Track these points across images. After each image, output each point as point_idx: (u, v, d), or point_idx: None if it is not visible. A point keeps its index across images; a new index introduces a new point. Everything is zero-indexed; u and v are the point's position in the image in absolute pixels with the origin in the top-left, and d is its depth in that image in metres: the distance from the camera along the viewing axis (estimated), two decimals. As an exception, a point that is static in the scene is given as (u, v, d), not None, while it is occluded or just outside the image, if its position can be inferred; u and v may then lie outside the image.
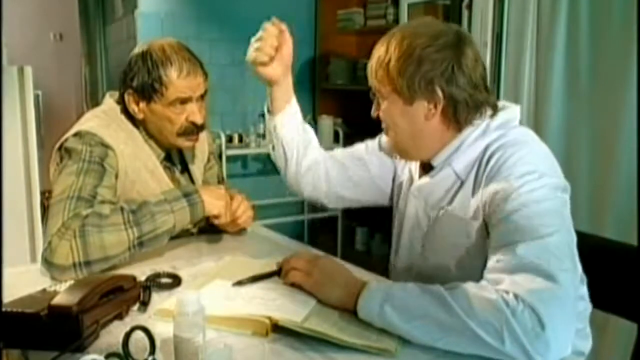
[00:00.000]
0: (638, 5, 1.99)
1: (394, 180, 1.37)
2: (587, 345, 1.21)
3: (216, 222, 1.42)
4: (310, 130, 1.42)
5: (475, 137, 1.12)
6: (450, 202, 1.15)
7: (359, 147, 1.41)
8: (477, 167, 1.11)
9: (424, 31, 1.10)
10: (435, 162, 1.17)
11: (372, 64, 1.15)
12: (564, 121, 2.45)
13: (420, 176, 1.23)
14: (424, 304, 0.92)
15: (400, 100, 1.12)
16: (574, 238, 1.02)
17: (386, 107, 1.15)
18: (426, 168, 1.21)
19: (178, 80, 1.37)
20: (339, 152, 1.44)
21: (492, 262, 0.98)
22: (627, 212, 2.10)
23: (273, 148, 1.41)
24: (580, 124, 2.38)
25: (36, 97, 2.49)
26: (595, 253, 1.33)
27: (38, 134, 2.30)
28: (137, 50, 1.43)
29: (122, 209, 1.26)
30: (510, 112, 1.15)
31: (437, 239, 1.19)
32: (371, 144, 1.40)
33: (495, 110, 1.14)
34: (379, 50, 1.13)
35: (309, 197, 1.44)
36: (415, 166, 1.27)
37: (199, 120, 1.42)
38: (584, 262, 1.21)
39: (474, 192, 1.11)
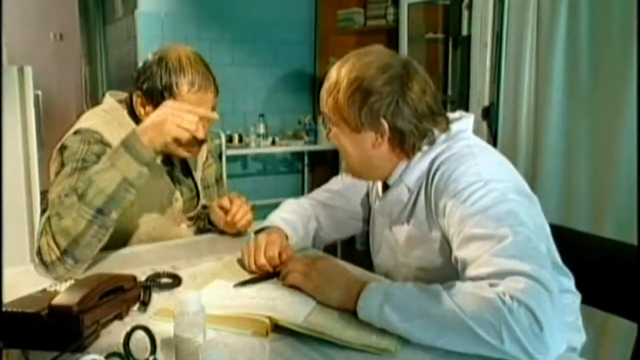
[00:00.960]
0: (638, 5, 1.99)
1: (368, 198, 1.39)
2: (579, 338, 1.22)
3: (186, 147, 1.36)
4: (303, 216, 1.41)
5: (423, 152, 1.15)
6: (409, 217, 1.18)
7: (337, 180, 1.45)
8: (425, 180, 1.14)
9: (372, 62, 1.11)
10: (390, 181, 1.20)
11: (324, 91, 1.16)
12: (564, 121, 2.45)
13: (382, 194, 1.26)
14: (423, 303, 0.92)
15: (348, 129, 1.14)
16: (538, 236, 1.02)
17: (336, 133, 1.17)
18: (385, 186, 1.24)
19: (188, 94, 1.36)
20: (321, 194, 1.46)
21: (469, 276, 0.97)
22: (627, 212, 2.11)
23: None
24: (580, 124, 2.38)
25: (36, 97, 2.49)
26: (595, 253, 1.33)
27: (38, 134, 2.30)
28: (154, 53, 1.41)
29: (73, 190, 1.21)
30: (462, 123, 1.17)
31: (404, 253, 1.21)
32: (344, 174, 1.42)
33: (446, 129, 1.15)
34: (330, 79, 1.15)
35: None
36: (378, 184, 1.29)
37: (200, 135, 1.40)
38: (583, 262, 1.22)
39: (426, 206, 1.14)
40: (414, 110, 1.11)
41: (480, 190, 1.03)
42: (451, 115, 1.19)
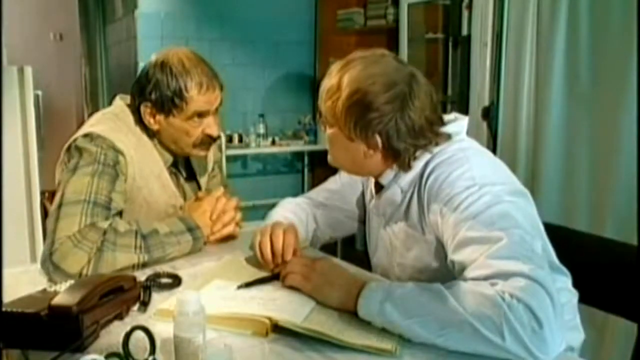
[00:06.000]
0: (638, 5, 1.99)
1: (364, 197, 1.39)
2: (577, 337, 1.22)
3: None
4: (303, 215, 1.40)
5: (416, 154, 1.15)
6: (403, 218, 1.18)
7: (335, 179, 1.44)
8: (418, 183, 1.14)
9: (378, 77, 1.08)
10: (383, 181, 1.20)
11: (324, 91, 1.15)
12: (564, 121, 2.45)
13: (376, 193, 1.26)
14: (424, 300, 0.93)
15: (341, 135, 1.14)
16: (533, 236, 1.02)
17: (330, 135, 1.17)
18: (378, 186, 1.23)
19: (198, 96, 1.37)
20: (319, 193, 1.45)
21: (466, 279, 0.96)
22: (627, 212, 2.11)
23: None
24: (580, 124, 2.38)
25: (36, 97, 2.49)
26: (595, 253, 1.33)
27: (38, 134, 2.30)
28: (153, 60, 1.40)
29: (135, 232, 1.27)
30: (456, 125, 1.17)
31: (400, 253, 1.21)
32: (342, 173, 1.41)
33: (447, 139, 1.15)
34: (332, 80, 1.13)
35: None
36: (372, 184, 1.29)
37: (215, 132, 1.42)
38: (583, 262, 1.21)
39: (418, 209, 1.14)
40: (412, 129, 1.10)
41: (475, 194, 1.03)
42: (446, 117, 1.18)
